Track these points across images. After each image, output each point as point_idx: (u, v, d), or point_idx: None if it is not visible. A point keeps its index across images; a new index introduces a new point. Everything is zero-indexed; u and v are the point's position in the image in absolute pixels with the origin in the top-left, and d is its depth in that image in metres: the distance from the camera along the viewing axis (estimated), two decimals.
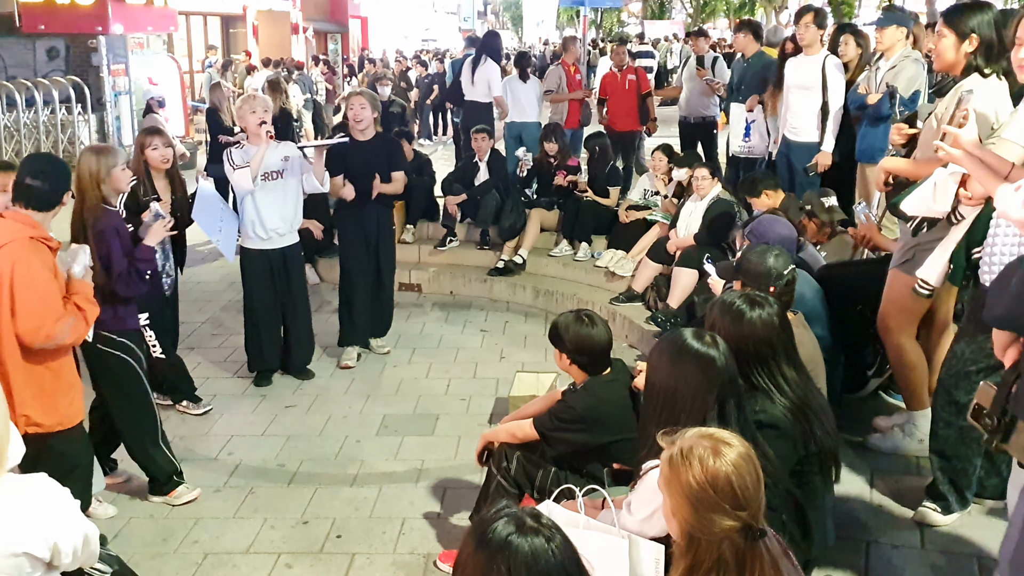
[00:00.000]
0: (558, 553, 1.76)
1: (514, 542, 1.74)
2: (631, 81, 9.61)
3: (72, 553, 1.90)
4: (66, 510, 1.91)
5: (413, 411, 5.73)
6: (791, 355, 3.16)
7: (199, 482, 4.79)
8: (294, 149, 5.93)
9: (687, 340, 2.77)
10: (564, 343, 3.64)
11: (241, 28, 24.80)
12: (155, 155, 5.17)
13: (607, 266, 7.62)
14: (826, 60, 6.55)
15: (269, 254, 5.91)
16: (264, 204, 5.79)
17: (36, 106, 13.32)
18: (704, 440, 2.09)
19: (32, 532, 1.80)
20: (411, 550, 4.16)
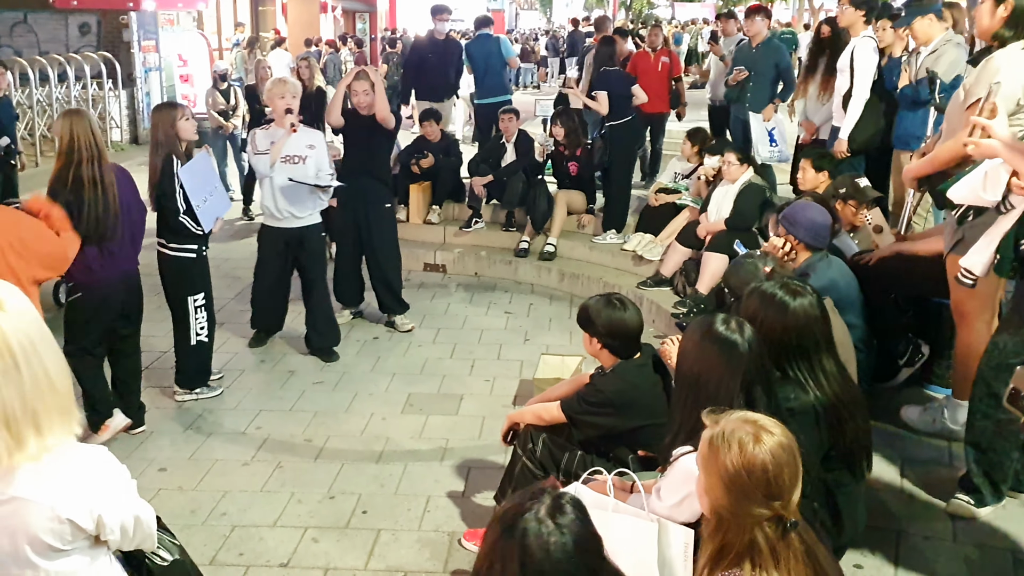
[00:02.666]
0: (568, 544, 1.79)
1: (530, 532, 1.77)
2: (664, 64, 9.52)
3: (120, 530, 1.90)
4: (118, 485, 1.92)
5: (438, 390, 5.74)
6: (830, 346, 3.13)
7: (228, 455, 4.85)
8: (321, 139, 6.03)
9: (713, 325, 2.76)
10: (595, 327, 3.61)
11: (270, 6, 24.81)
12: (187, 126, 5.20)
13: (635, 250, 7.57)
14: (856, 43, 6.41)
15: (285, 233, 5.99)
16: (280, 186, 5.85)
17: (68, 81, 13.41)
18: (747, 425, 2.07)
19: (79, 501, 1.82)
20: (436, 528, 4.18)
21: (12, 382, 1.74)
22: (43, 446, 1.78)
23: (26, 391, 1.76)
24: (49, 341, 1.84)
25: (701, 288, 6.32)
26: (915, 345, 4.77)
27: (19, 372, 1.75)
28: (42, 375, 1.78)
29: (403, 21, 33.24)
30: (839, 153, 6.36)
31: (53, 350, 1.85)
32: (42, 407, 1.78)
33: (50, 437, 1.80)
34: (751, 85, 7.92)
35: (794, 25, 29.29)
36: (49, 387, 1.80)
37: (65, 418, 1.83)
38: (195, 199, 5.09)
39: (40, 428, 1.78)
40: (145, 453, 4.87)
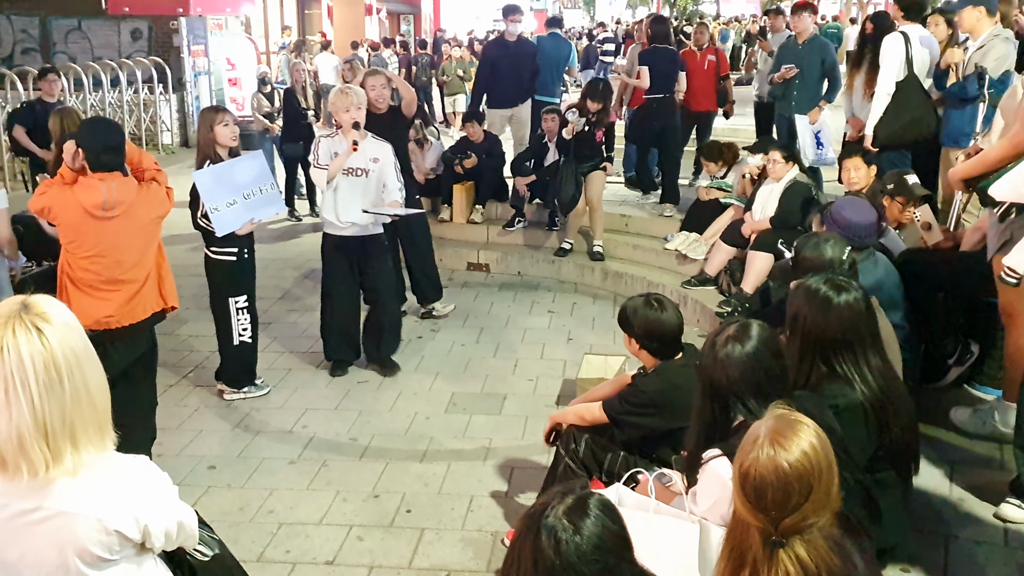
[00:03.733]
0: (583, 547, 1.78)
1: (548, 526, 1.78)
2: (711, 62, 9.42)
3: (165, 536, 1.94)
4: (161, 494, 1.95)
5: (481, 390, 5.77)
6: (876, 341, 3.09)
7: (275, 454, 4.93)
8: (388, 152, 5.75)
9: (729, 333, 2.77)
10: (633, 328, 3.61)
11: (316, 9, 25.05)
12: (225, 131, 5.21)
13: (678, 248, 7.53)
14: (886, 38, 6.31)
15: (347, 241, 5.81)
16: (342, 196, 5.70)
17: (120, 86, 13.71)
18: (769, 429, 2.00)
19: (125, 512, 1.85)
20: (479, 527, 4.20)
21: (55, 396, 1.76)
22: (79, 461, 1.80)
23: (66, 405, 1.77)
24: (91, 356, 1.86)
25: (746, 287, 6.27)
26: (964, 344, 4.68)
27: (62, 386, 1.76)
28: (83, 390, 1.80)
29: (448, 23, 33.39)
30: (865, 148, 6.30)
31: (94, 365, 1.86)
32: (80, 422, 1.79)
33: (85, 453, 1.81)
34: (797, 83, 7.82)
35: (841, 19, 28.87)
36: (89, 403, 1.81)
37: (101, 434, 1.85)
38: (210, 202, 5.06)
39: (77, 443, 1.80)
40: (195, 451, 4.96)
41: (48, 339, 1.75)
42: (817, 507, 1.95)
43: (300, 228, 9.89)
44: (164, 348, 5.05)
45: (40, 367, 1.73)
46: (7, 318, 1.76)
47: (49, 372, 1.75)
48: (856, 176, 5.55)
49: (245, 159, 5.42)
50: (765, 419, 2.05)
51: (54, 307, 1.83)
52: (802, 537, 1.96)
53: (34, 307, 1.80)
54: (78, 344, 1.81)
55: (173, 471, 4.51)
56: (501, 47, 8.97)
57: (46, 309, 1.80)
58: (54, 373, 1.75)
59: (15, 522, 1.80)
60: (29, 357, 1.73)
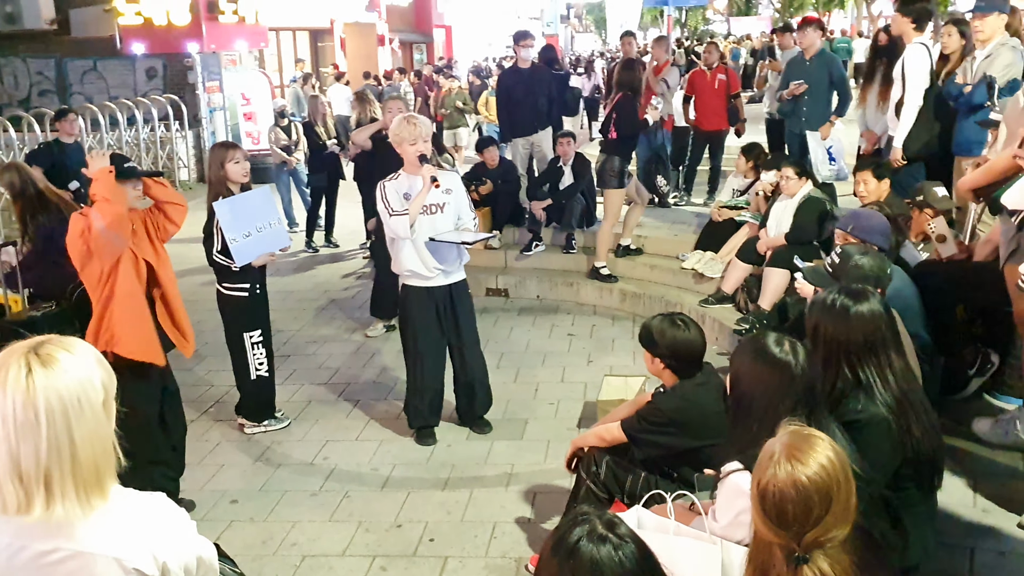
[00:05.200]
0: (626, 562, 1.73)
1: (581, 549, 1.73)
2: (721, 81, 9.45)
3: (184, 572, 1.91)
4: (178, 530, 1.93)
5: (502, 415, 5.76)
6: (898, 343, 3.07)
7: (296, 486, 4.94)
8: (458, 181, 5.31)
9: (765, 344, 2.73)
10: (658, 347, 3.61)
11: (329, 41, 25.36)
12: (236, 168, 5.16)
13: (695, 267, 7.52)
14: (908, 49, 6.30)
15: (434, 292, 5.22)
16: (423, 240, 5.09)
17: (137, 124, 13.90)
18: (785, 445, 2.00)
19: (143, 549, 1.83)
20: (503, 554, 4.19)
21: (29, 438, 1.71)
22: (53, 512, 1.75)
23: (41, 451, 1.72)
24: (90, 412, 1.77)
25: (763, 304, 6.25)
26: (984, 354, 4.64)
27: (38, 431, 1.72)
28: (65, 441, 1.74)
29: (459, 51, 33.69)
30: (894, 162, 6.24)
31: (89, 417, 1.77)
32: (57, 472, 1.74)
33: (60, 504, 1.75)
34: (806, 98, 7.83)
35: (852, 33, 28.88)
36: (71, 456, 1.75)
37: (86, 491, 1.78)
38: (229, 233, 5.06)
39: (51, 492, 1.74)
40: (217, 485, 4.99)
41: (34, 381, 1.71)
42: (838, 520, 1.95)
43: (317, 260, 9.96)
44: (184, 384, 5.09)
45: (19, 407, 1.70)
46: (14, 353, 1.75)
47: (27, 413, 1.71)
48: (866, 190, 5.55)
49: (256, 193, 5.44)
50: (779, 435, 2.05)
51: (68, 351, 1.79)
52: (824, 552, 1.95)
53: (45, 347, 1.77)
54: (70, 393, 1.74)
55: (195, 506, 4.59)
56: (515, 74, 8.86)
57: (55, 351, 1.77)
58: (31, 416, 1.71)
59: (34, 563, 1.79)
60: (11, 395, 1.71)
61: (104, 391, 1.81)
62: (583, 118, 17.39)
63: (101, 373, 1.82)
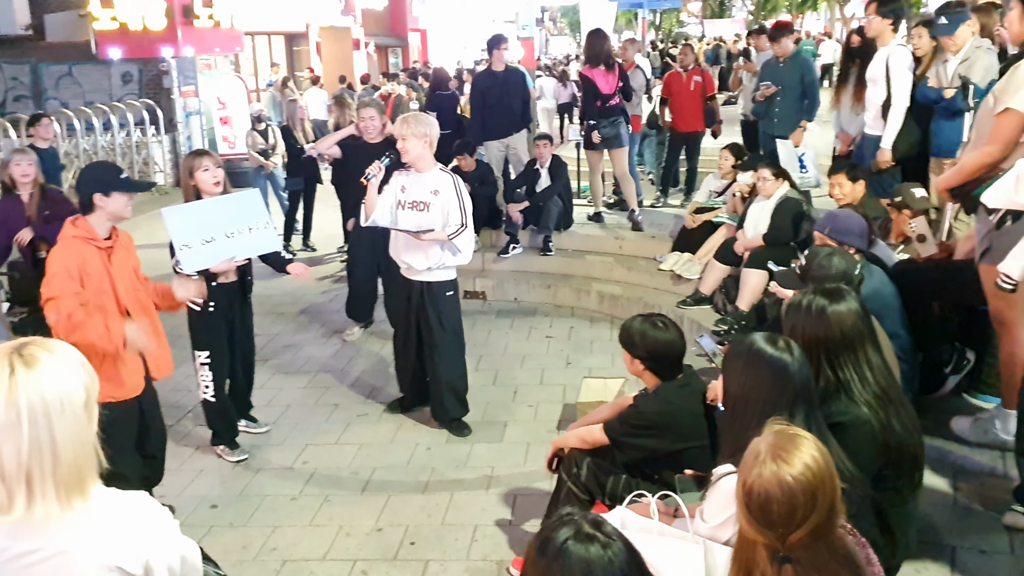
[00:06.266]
0: (615, 560, 1.73)
1: (569, 549, 1.72)
2: (697, 83, 9.51)
3: (168, 572, 1.90)
4: (162, 529, 1.92)
5: (481, 418, 5.75)
6: (874, 339, 3.09)
7: (276, 491, 4.90)
8: (450, 184, 5.21)
9: (759, 345, 2.72)
10: (637, 347, 3.61)
11: (304, 46, 25.24)
12: (206, 176, 4.93)
13: (672, 269, 7.56)
14: (891, 51, 6.34)
15: (408, 283, 5.41)
16: (400, 234, 5.28)
17: (112, 129, 13.77)
18: (770, 444, 2.01)
19: (125, 548, 1.82)
20: (484, 557, 4.18)
21: (11, 438, 1.71)
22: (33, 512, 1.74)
23: (23, 451, 1.72)
24: (71, 413, 1.76)
25: (741, 305, 6.28)
26: (960, 352, 4.69)
27: (20, 431, 1.71)
28: (46, 441, 1.73)
29: (434, 55, 33.67)
30: (883, 163, 6.28)
31: (72, 419, 1.77)
32: (38, 472, 1.73)
33: (40, 503, 1.75)
34: (778, 100, 7.89)
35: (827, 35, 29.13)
36: (52, 455, 1.74)
37: (64, 490, 1.77)
38: (177, 239, 4.65)
39: (32, 492, 1.74)
40: (196, 490, 4.94)
41: (17, 380, 1.71)
42: (823, 520, 1.95)
43: None
44: (163, 389, 5.02)
45: (2, 407, 1.70)
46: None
47: (8, 413, 1.70)
48: (840, 192, 5.59)
49: (231, 197, 5.03)
50: (764, 435, 2.06)
51: (52, 353, 1.79)
52: (809, 551, 1.95)
53: (28, 348, 1.77)
54: (53, 393, 1.74)
55: (175, 511, 4.54)
56: (489, 78, 8.86)
57: (37, 352, 1.77)
58: (13, 416, 1.70)
59: (16, 563, 1.78)
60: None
61: (86, 393, 1.80)
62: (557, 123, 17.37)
63: (84, 375, 1.82)
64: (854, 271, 3.67)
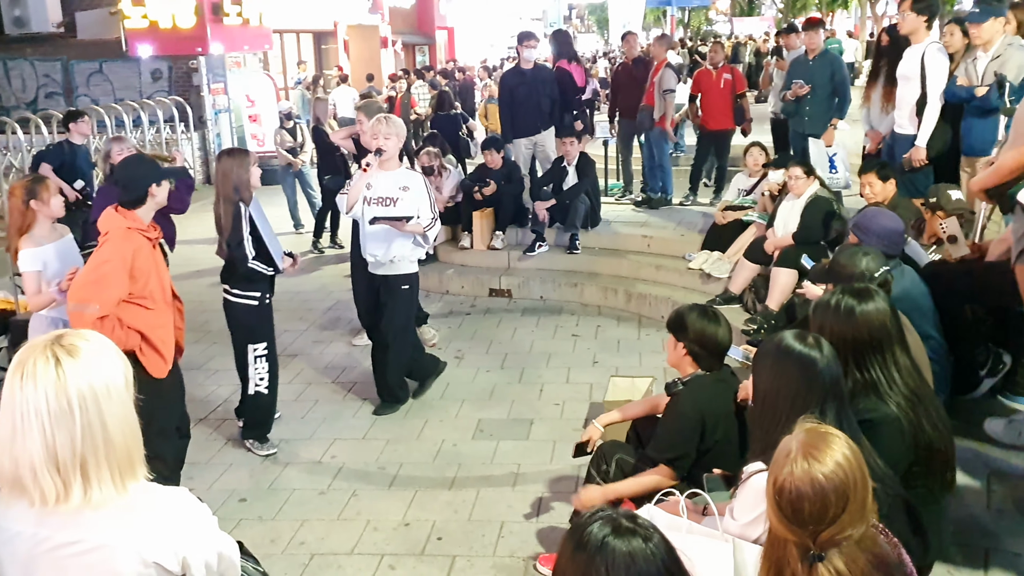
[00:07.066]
0: (657, 553, 1.72)
1: (611, 544, 1.70)
2: (727, 80, 9.45)
3: (205, 568, 1.93)
4: (200, 525, 1.93)
5: (507, 416, 5.76)
6: (903, 341, 3.06)
7: (304, 485, 4.94)
8: (419, 182, 5.55)
9: (788, 342, 2.71)
10: (686, 333, 3.61)
11: (332, 44, 25.36)
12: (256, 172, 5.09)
13: (701, 267, 7.52)
14: (927, 49, 6.26)
15: (374, 276, 5.76)
16: (365, 226, 5.58)
17: (142, 126, 13.90)
18: (801, 442, 1.99)
19: (163, 543, 1.84)
20: (511, 553, 4.18)
21: (64, 428, 1.75)
22: (90, 496, 1.78)
23: (76, 438, 1.76)
24: (115, 395, 1.82)
25: (771, 304, 6.24)
26: (996, 355, 4.62)
27: (72, 419, 1.75)
28: (98, 427, 1.77)
29: (461, 52, 33.73)
30: (917, 161, 6.21)
31: (118, 404, 1.82)
32: (92, 458, 1.78)
33: (97, 489, 1.79)
34: (808, 98, 7.82)
35: (856, 34, 28.86)
36: (105, 440, 1.79)
37: (120, 474, 1.82)
38: (267, 237, 5.05)
39: (88, 477, 1.78)
40: (226, 484, 4.98)
41: (64, 370, 1.75)
42: (854, 518, 1.94)
43: (323, 261, 9.96)
44: (193, 383, 5.10)
45: (52, 397, 1.73)
46: (36, 347, 1.78)
47: (60, 403, 1.74)
48: (871, 191, 5.53)
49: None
50: (796, 433, 2.04)
51: (89, 341, 1.82)
52: (840, 550, 1.94)
53: (67, 338, 1.81)
54: (99, 380, 1.78)
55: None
56: (518, 75, 8.84)
57: (76, 341, 1.80)
58: (65, 405, 1.74)
59: (56, 554, 1.81)
60: (43, 387, 1.73)
61: (125, 377, 1.86)
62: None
63: (120, 361, 1.87)
64: (877, 271, 3.63)
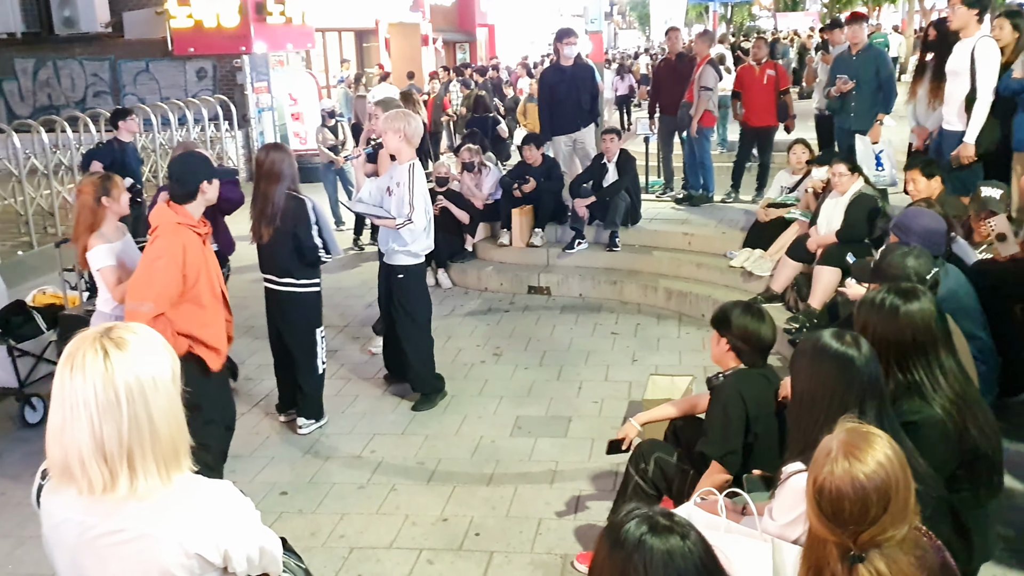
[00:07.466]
0: (695, 550, 1.71)
1: (648, 541, 1.69)
2: (770, 76, 9.35)
3: (246, 561, 1.96)
4: (243, 519, 1.96)
5: (545, 413, 5.76)
6: (949, 343, 3.01)
7: (344, 479, 4.98)
8: (404, 177, 5.62)
9: (825, 340, 2.68)
10: (730, 328, 3.61)
11: (374, 42, 25.51)
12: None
13: (743, 265, 7.45)
14: (978, 43, 6.13)
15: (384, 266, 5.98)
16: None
17: (188, 124, 14.12)
18: (842, 442, 1.97)
19: (206, 535, 1.88)
20: (548, 550, 4.19)
21: (112, 419, 1.78)
22: (136, 486, 1.81)
23: (123, 430, 1.79)
24: (162, 388, 1.85)
25: (814, 303, 6.16)
26: None
27: (120, 411, 1.78)
28: (144, 419, 1.80)
29: (502, 49, 33.74)
30: (966, 158, 6.09)
31: (165, 397, 1.85)
32: (138, 449, 1.81)
33: (143, 479, 1.82)
34: (853, 94, 7.70)
35: (903, 29, 28.37)
36: (151, 432, 1.82)
37: (165, 466, 1.85)
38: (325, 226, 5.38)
39: (134, 468, 1.81)
40: (267, 478, 5.05)
41: (112, 363, 1.78)
42: (896, 519, 1.91)
43: (363, 258, 10.03)
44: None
45: (100, 389, 1.76)
46: (86, 339, 1.81)
47: (108, 394, 1.77)
48: (915, 189, 5.44)
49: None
50: (836, 432, 2.02)
51: (138, 334, 1.86)
52: (882, 551, 1.92)
53: (116, 331, 1.84)
54: (146, 373, 1.81)
55: None
56: (557, 72, 8.83)
57: (125, 334, 1.83)
58: (112, 396, 1.77)
59: (101, 542, 1.85)
60: (91, 378, 1.77)
61: (172, 370, 1.88)
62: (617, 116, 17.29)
63: (167, 354, 1.89)
64: (927, 272, 3.57)
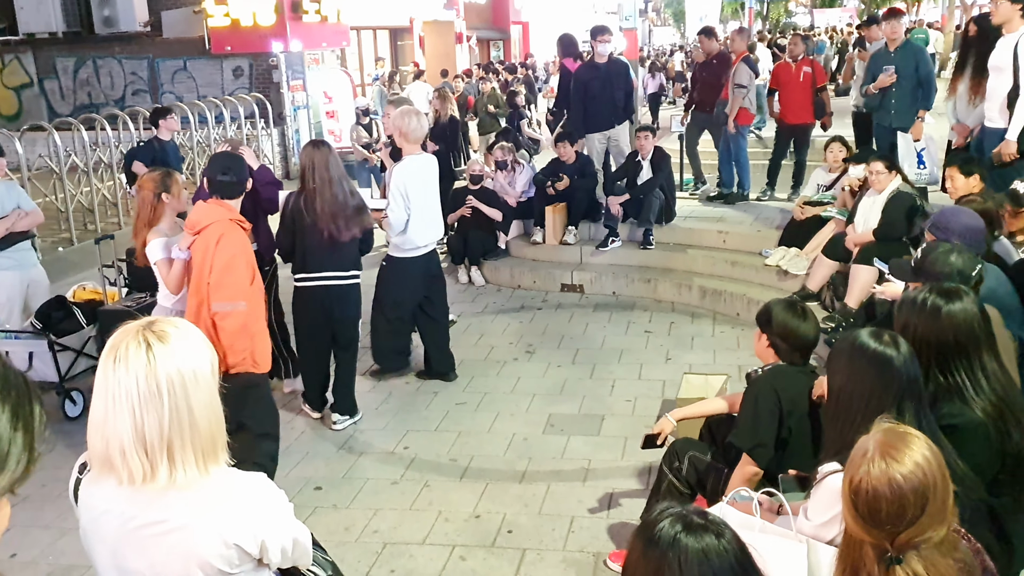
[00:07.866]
0: (730, 549, 1.70)
1: (683, 540, 1.69)
2: (806, 73, 9.24)
3: (280, 552, 2.00)
4: (278, 510, 2.01)
5: (578, 411, 5.76)
6: (992, 345, 2.96)
7: (378, 475, 5.02)
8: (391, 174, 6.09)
9: (862, 340, 2.65)
10: (771, 326, 3.61)
11: (408, 40, 25.62)
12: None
13: (778, 264, 7.39)
14: (1021, 39, 6.02)
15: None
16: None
17: (224, 122, 14.27)
18: (879, 442, 1.95)
19: (244, 526, 1.92)
20: (581, 548, 4.19)
21: (153, 411, 1.81)
22: (175, 478, 1.85)
23: (164, 422, 1.82)
24: (202, 381, 1.88)
25: (850, 302, 6.10)
26: None
27: (161, 402, 1.82)
28: (184, 411, 1.84)
29: (536, 47, 33.71)
30: (1008, 156, 5.99)
31: (204, 390, 1.89)
32: (178, 441, 1.84)
33: (182, 471, 1.86)
34: (893, 91, 7.60)
35: (943, 24, 27.94)
36: (191, 424, 1.85)
37: (204, 458, 1.89)
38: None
39: (173, 459, 1.85)
40: (302, 473, 5.10)
41: (155, 355, 1.81)
42: (934, 521, 1.89)
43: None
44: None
45: (142, 381, 1.80)
46: (129, 332, 1.85)
47: (149, 386, 1.80)
48: (952, 186, 5.36)
49: None
50: (873, 432, 2.00)
51: (179, 329, 1.89)
52: (919, 553, 1.89)
53: (158, 324, 1.88)
54: (187, 366, 1.85)
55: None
56: (592, 70, 8.80)
57: (167, 328, 1.87)
58: (154, 388, 1.81)
59: (142, 533, 1.89)
60: (134, 370, 1.80)
61: (211, 365, 1.92)
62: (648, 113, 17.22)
63: (207, 349, 1.93)
64: (971, 270, 3.52)
